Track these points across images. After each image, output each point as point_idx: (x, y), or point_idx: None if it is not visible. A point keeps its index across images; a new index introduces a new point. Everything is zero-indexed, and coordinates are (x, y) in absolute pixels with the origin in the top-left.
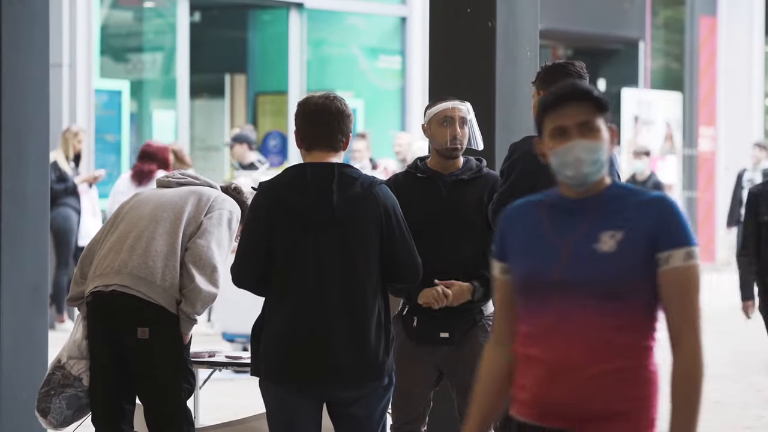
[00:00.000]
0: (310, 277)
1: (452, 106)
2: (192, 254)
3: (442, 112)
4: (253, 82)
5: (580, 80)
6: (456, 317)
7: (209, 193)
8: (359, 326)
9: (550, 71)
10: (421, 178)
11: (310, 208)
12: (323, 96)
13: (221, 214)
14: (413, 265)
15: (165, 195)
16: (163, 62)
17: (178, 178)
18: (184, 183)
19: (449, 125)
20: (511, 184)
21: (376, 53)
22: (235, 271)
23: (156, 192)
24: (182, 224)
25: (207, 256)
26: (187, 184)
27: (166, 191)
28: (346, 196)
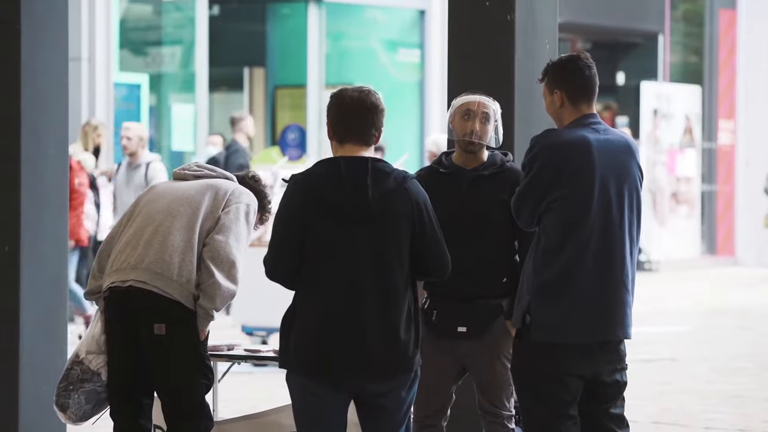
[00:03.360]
0: (343, 270)
1: (476, 100)
2: (210, 250)
3: (464, 105)
4: (271, 76)
5: (593, 71)
6: (476, 310)
7: (226, 186)
8: (391, 320)
9: (562, 68)
10: (443, 173)
11: (345, 202)
12: (358, 89)
13: (238, 208)
14: (443, 259)
15: (181, 188)
16: (182, 56)
17: (195, 170)
18: (200, 175)
19: (470, 118)
20: (532, 177)
21: (395, 46)
22: (269, 264)
23: (172, 185)
24: (199, 219)
25: (225, 252)
26: (204, 177)
27: (182, 184)
28: (381, 191)
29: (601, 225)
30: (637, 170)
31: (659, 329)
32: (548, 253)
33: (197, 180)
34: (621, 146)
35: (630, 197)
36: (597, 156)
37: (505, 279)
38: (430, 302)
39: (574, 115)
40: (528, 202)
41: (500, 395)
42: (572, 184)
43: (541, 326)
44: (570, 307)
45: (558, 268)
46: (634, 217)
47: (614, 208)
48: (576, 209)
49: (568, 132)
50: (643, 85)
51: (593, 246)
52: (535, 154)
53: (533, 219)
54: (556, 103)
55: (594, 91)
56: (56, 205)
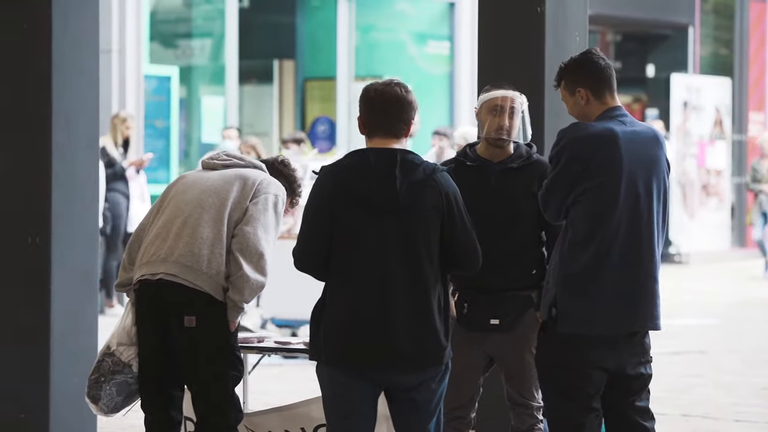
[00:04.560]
0: (373, 262)
1: (504, 95)
2: (239, 242)
3: (492, 101)
4: (301, 68)
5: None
6: (507, 303)
7: (254, 176)
8: (421, 312)
9: (578, 66)
10: (470, 166)
11: (374, 193)
12: (384, 83)
13: (267, 199)
14: (473, 252)
15: (210, 179)
16: (212, 48)
17: (224, 159)
18: (229, 165)
19: (498, 114)
20: (560, 170)
21: (425, 39)
22: (298, 254)
23: (201, 175)
24: (227, 210)
25: (254, 243)
26: (233, 166)
27: (211, 174)
28: (410, 182)
29: (628, 217)
30: (665, 162)
31: (689, 322)
32: (575, 245)
33: (226, 170)
34: (648, 138)
35: (657, 189)
36: (624, 148)
37: (535, 271)
38: (459, 295)
39: (600, 108)
40: (556, 194)
41: (530, 386)
42: (600, 176)
43: (568, 318)
44: (597, 299)
45: (585, 260)
46: (661, 209)
47: (642, 199)
48: (603, 201)
49: (595, 125)
50: (673, 77)
51: (621, 238)
52: (563, 146)
53: (561, 212)
54: (580, 102)
55: (614, 81)
56: (87, 197)
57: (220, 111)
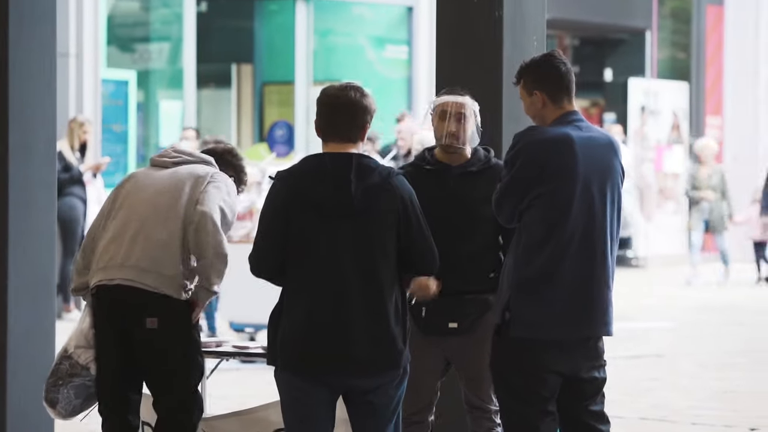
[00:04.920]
0: (328, 267)
1: (451, 100)
2: (195, 223)
3: (440, 106)
4: (259, 72)
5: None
6: (465, 306)
7: (204, 171)
8: (378, 316)
9: (538, 68)
10: (429, 170)
11: (329, 198)
12: (340, 87)
13: (217, 186)
14: (430, 254)
15: (162, 178)
16: (169, 52)
17: (174, 156)
18: (179, 162)
19: (448, 119)
20: (515, 174)
21: (383, 43)
22: (254, 260)
23: (152, 174)
24: (182, 210)
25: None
26: (183, 163)
27: (162, 173)
28: (365, 186)
29: (583, 222)
30: (619, 168)
31: (646, 325)
32: (529, 249)
33: (177, 167)
34: (603, 143)
35: (612, 194)
36: (579, 153)
37: (492, 274)
38: (417, 298)
39: (557, 113)
40: (510, 198)
41: (488, 390)
42: (554, 181)
43: (521, 322)
44: (550, 304)
45: (539, 264)
46: (615, 215)
47: (596, 205)
48: (558, 206)
49: (551, 129)
50: (631, 82)
51: (575, 243)
52: (518, 150)
53: (514, 215)
54: (537, 104)
55: (572, 86)
56: (43, 201)
57: (178, 115)
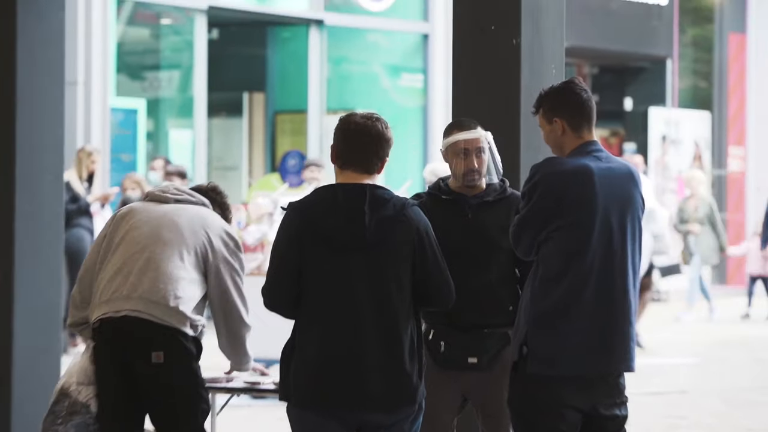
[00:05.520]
0: (342, 300)
1: (467, 137)
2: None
3: (456, 144)
4: (271, 101)
5: (589, 95)
6: (485, 340)
7: (205, 215)
8: (393, 351)
9: (558, 95)
10: (445, 200)
11: (342, 230)
12: (365, 116)
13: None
14: (446, 287)
15: (168, 214)
16: (180, 80)
17: (175, 193)
18: (181, 200)
19: (465, 157)
20: (532, 206)
21: (398, 71)
22: (267, 293)
23: (153, 209)
24: (189, 245)
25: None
26: (184, 202)
27: (166, 209)
28: (379, 218)
29: (602, 255)
30: (639, 199)
31: (669, 361)
32: (547, 282)
33: (178, 204)
34: (623, 174)
35: (632, 227)
36: (599, 184)
37: (511, 307)
38: (435, 333)
39: (576, 142)
40: (527, 230)
41: (507, 428)
42: (573, 213)
43: (538, 358)
44: (568, 339)
45: (557, 298)
46: (636, 247)
47: (616, 237)
48: (577, 239)
49: (570, 160)
50: (652, 111)
51: (594, 276)
52: (536, 182)
53: (533, 248)
54: (557, 131)
55: (593, 114)
56: (51, 232)
57: (189, 145)
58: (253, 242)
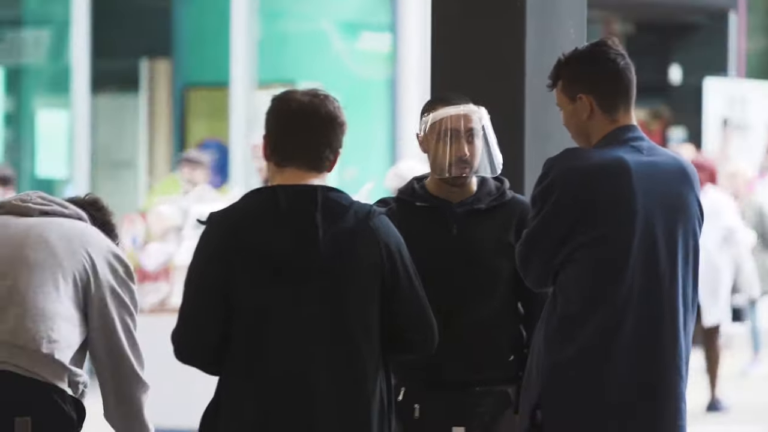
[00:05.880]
0: (288, 346)
1: (457, 113)
2: (102, 354)
3: (442, 122)
4: (180, 71)
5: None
6: (475, 402)
7: (82, 231)
8: (356, 414)
9: (585, 62)
10: (421, 208)
11: (287, 250)
12: (308, 93)
13: (110, 266)
14: (426, 325)
15: (32, 229)
16: (51, 42)
17: (41, 203)
18: (49, 212)
19: (453, 141)
20: (547, 216)
21: (356, 30)
22: (180, 340)
23: (14, 224)
24: (66, 269)
25: (120, 349)
26: (54, 214)
27: (27, 223)
28: (336, 232)
29: (643, 282)
30: (696, 205)
31: (732, 429)
32: (568, 322)
33: (46, 217)
34: (673, 172)
35: (685, 243)
36: (638, 185)
37: (512, 356)
38: (407, 392)
39: (608, 126)
40: (540, 250)
41: None
42: (604, 226)
43: (559, 425)
44: (599, 400)
45: (582, 343)
46: (690, 271)
47: (663, 258)
48: (609, 260)
49: (598, 152)
50: (708, 84)
51: (632, 312)
52: (552, 182)
53: (548, 275)
54: (581, 113)
55: (632, 89)
56: None
57: (63, 129)
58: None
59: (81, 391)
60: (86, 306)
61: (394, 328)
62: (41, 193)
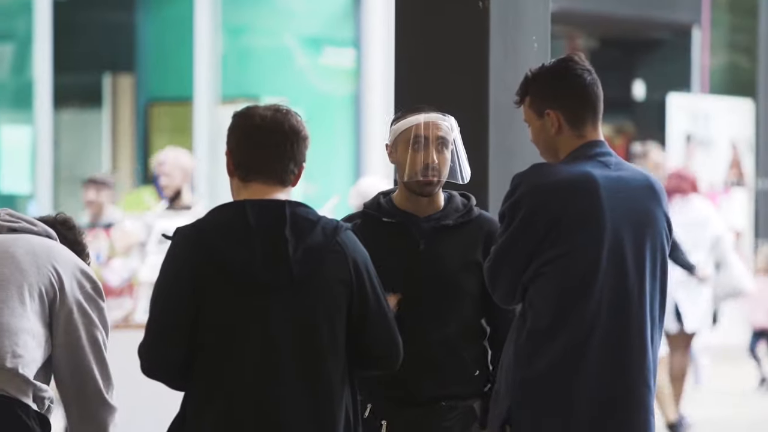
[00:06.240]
0: (256, 361)
1: (426, 120)
2: (65, 371)
3: (410, 130)
4: (144, 86)
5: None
6: (442, 417)
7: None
8: (322, 430)
9: (553, 77)
10: (387, 223)
11: (256, 265)
12: (271, 108)
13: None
14: (391, 342)
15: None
16: (13, 57)
17: (9, 220)
18: (17, 229)
19: (422, 149)
20: (515, 232)
21: (319, 45)
22: (146, 355)
23: None
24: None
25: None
26: (22, 231)
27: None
28: (306, 247)
29: (612, 297)
30: (664, 220)
31: None
32: (537, 337)
33: (14, 234)
34: (640, 187)
35: (653, 258)
36: (607, 200)
37: (478, 371)
38: (373, 408)
39: (576, 142)
40: (509, 266)
41: None
42: (572, 241)
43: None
44: (569, 414)
45: (551, 358)
46: (657, 286)
47: (631, 273)
48: (578, 275)
49: (566, 168)
50: (671, 99)
51: (601, 327)
52: (519, 198)
53: (516, 290)
54: (549, 128)
55: (600, 106)
56: None
57: (26, 148)
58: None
59: (47, 407)
60: (51, 321)
61: (361, 344)
62: (9, 210)
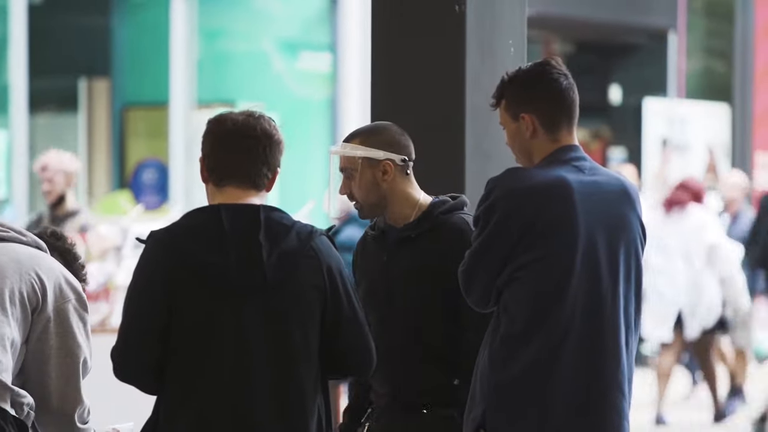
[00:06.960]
0: (229, 366)
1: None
2: (31, 390)
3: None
4: (119, 90)
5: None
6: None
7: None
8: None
9: (529, 82)
10: (370, 236)
11: (231, 270)
12: (245, 113)
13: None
14: (365, 349)
15: None
16: None
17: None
18: (6, 237)
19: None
20: (489, 236)
21: (296, 49)
22: (119, 358)
23: None
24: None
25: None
26: (11, 240)
27: None
28: (280, 252)
29: (586, 302)
30: (638, 225)
31: None
32: (511, 341)
33: (3, 243)
34: (615, 192)
35: (627, 263)
36: (581, 205)
37: (457, 380)
38: (352, 415)
39: (551, 146)
40: (482, 271)
41: None
42: (546, 245)
43: None
44: (542, 418)
45: (524, 362)
46: (631, 290)
47: (605, 277)
48: (552, 279)
49: (540, 172)
50: (647, 104)
51: (575, 331)
52: (494, 202)
53: (490, 294)
54: (524, 132)
55: (575, 110)
56: None
57: (2, 152)
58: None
59: (26, 413)
60: (30, 330)
61: (334, 350)
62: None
